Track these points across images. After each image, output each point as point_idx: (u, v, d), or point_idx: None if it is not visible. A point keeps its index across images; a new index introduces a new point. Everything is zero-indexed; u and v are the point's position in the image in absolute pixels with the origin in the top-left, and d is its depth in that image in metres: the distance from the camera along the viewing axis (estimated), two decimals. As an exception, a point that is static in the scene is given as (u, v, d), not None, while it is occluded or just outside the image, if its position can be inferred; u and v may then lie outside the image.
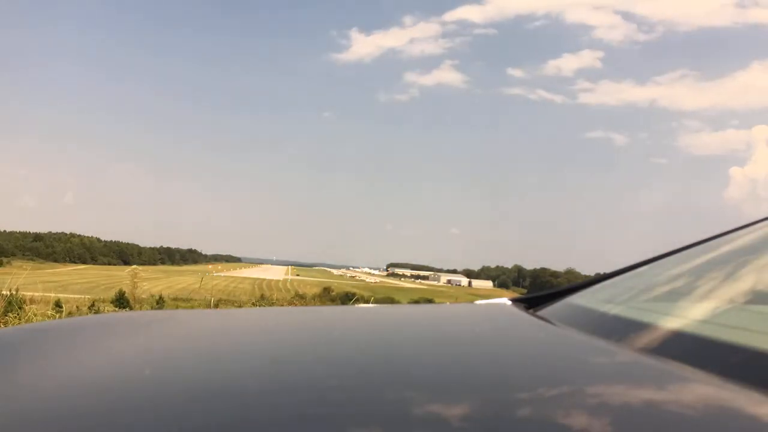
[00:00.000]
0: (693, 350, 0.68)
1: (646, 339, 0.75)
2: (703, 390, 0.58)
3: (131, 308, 9.38)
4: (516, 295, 1.32)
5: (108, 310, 8.08)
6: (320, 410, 0.52)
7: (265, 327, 1.00)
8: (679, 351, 0.68)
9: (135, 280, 10.33)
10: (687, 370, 0.61)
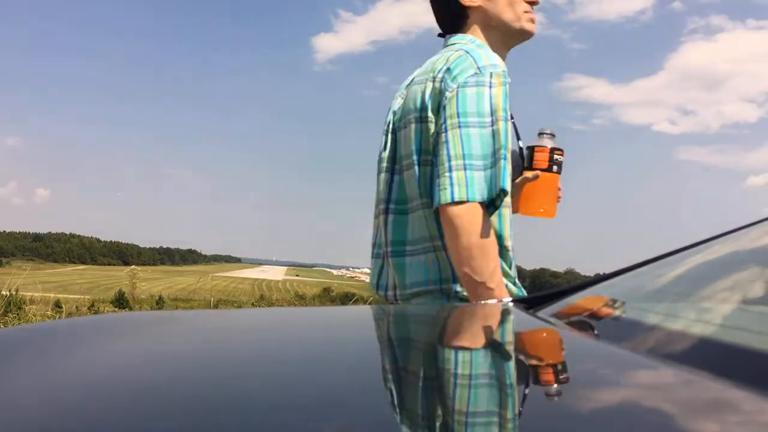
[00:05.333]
0: (693, 351, 0.68)
1: (646, 339, 0.75)
2: (703, 390, 0.58)
3: (131, 309, 9.38)
4: (516, 295, 1.32)
5: (107, 311, 8.08)
6: (320, 410, 0.52)
7: (265, 327, 1.00)
8: (679, 351, 0.68)
9: (134, 280, 10.32)
10: (687, 371, 0.61)
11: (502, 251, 1.46)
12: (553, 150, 1.61)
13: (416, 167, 1.48)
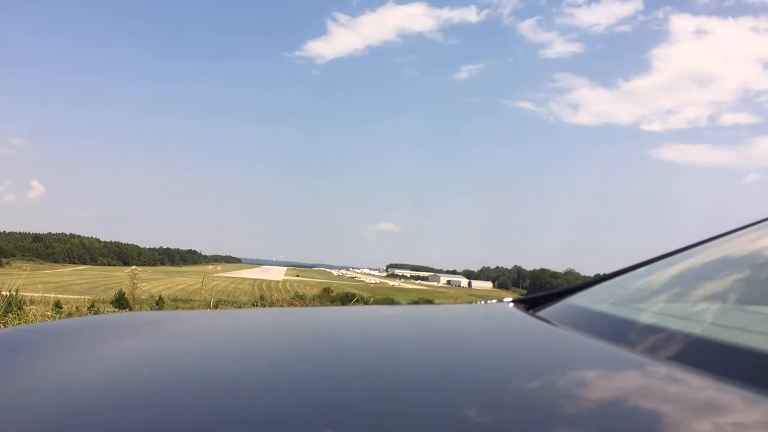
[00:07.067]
0: (693, 351, 0.68)
1: (646, 340, 0.75)
2: (702, 391, 0.58)
3: (131, 309, 9.37)
4: (516, 295, 1.32)
5: (107, 311, 8.07)
6: (320, 411, 0.52)
7: (265, 327, 1.00)
8: (679, 352, 0.68)
9: (134, 280, 10.31)
10: (686, 371, 0.61)
11: None
12: None
13: None
